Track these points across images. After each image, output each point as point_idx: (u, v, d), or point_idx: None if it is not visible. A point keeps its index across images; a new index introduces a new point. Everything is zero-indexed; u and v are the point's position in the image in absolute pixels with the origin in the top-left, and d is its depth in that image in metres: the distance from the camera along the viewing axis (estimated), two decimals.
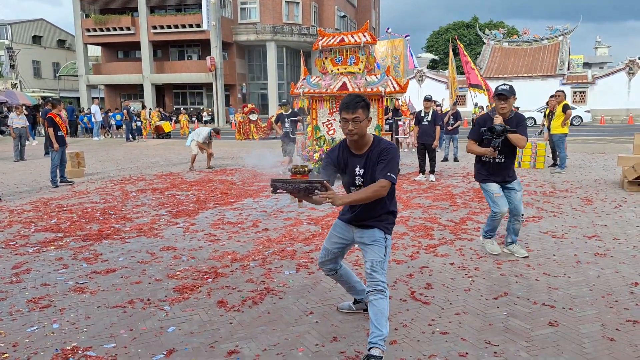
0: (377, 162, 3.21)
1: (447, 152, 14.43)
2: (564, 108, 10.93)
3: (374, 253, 3.32)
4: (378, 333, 3.14)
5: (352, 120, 3.16)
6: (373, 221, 3.35)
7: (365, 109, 3.19)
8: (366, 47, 10.39)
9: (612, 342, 3.42)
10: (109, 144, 23.02)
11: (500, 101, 5.09)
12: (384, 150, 3.21)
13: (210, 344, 3.49)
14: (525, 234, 6.19)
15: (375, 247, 3.32)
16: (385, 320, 3.19)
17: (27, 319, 3.92)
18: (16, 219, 7.42)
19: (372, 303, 3.24)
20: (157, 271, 5.03)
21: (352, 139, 3.23)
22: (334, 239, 3.58)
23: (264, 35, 39.90)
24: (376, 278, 3.26)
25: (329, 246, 3.61)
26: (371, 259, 3.31)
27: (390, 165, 3.17)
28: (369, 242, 3.34)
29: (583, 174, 11.17)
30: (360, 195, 3.14)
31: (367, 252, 3.35)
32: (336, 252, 3.61)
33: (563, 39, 40.27)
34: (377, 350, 3.08)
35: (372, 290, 3.26)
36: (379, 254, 3.31)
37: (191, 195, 9.15)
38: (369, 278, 3.29)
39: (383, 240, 3.34)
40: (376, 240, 3.33)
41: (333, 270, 3.70)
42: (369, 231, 3.35)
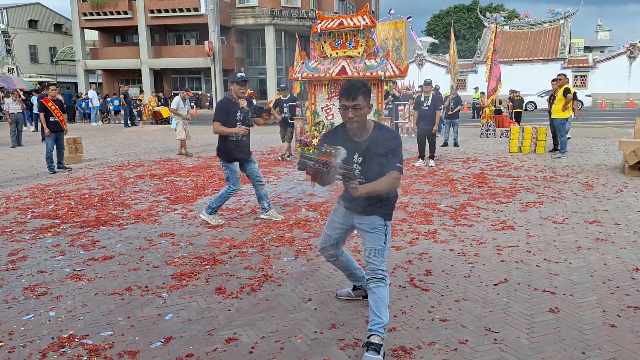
0: (380, 153, 3.11)
1: (447, 137, 14.35)
2: (565, 92, 10.84)
3: (373, 241, 3.26)
4: (378, 321, 3.11)
5: (353, 108, 3.05)
6: (373, 207, 3.25)
7: (366, 95, 3.08)
8: (365, 30, 10.25)
9: (613, 328, 3.40)
10: (107, 129, 22.90)
11: (241, 87, 5.87)
12: (388, 142, 3.12)
13: (209, 331, 3.46)
14: (526, 220, 6.15)
15: (375, 235, 3.26)
16: (385, 307, 3.16)
17: (23, 307, 3.89)
18: (13, 205, 7.37)
19: (371, 291, 3.21)
20: (155, 258, 4.99)
21: (352, 126, 3.13)
22: (334, 224, 3.53)
23: (263, 19, 39.50)
24: (375, 266, 3.23)
25: (330, 232, 3.55)
26: (371, 246, 3.27)
27: (399, 157, 3.13)
28: (369, 229, 3.28)
29: (584, 159, 11.12)
30: (377, 187, 3.07)
31: (367, 239, 3.30)
32: (337, 238, 3.56)
33: (564, 22, 39.95)
34: (376, 337, 3.05)
35: (371, 278, 3.23)
36: (379, 242, 3.26)
37: (189, 181, 9.09)
38: (369, 266, 3.26)
39: (383, 228, 3.28)
40: (376, 228, 3.27)
41: (334, 256, 3.66)
42: (369, 218, 3.27)
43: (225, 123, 5.89)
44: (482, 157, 11.80)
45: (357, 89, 3.06)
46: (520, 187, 8.15)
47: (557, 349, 3.14)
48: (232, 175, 6.06)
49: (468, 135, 16.92)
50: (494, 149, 13.38)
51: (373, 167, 3.15)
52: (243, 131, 5.95)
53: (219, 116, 5.90)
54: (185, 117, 13.04)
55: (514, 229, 5.77)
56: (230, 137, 5.97)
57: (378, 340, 3.04)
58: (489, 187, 8.11)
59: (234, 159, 6.07)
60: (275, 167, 10.68)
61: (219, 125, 5.89)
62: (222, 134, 5.94)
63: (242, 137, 6.02)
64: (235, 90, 5.94)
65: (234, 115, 5.93)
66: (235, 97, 5.96)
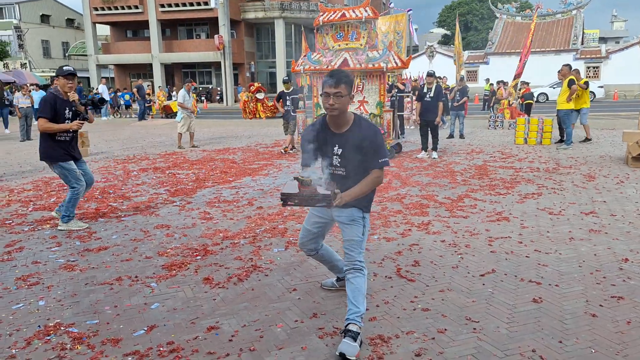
0: (360, 148, 3.14)
1: (453, 129, 14.28)
2: (569, 83, 10.73)
3: (352, 232, 3.30)
4: (355, 310, 3.13)
5: (334, 95, 3.08)
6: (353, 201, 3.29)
7: (348, 85, 3.12)
8: (368, 22, 10.22)
9: (594, 317, 3.39)
10: (117, 123, 23.10)
11: (68, 81, 5.52)
12: (369, 138, 3.16)
13: (192, 320, 3.51)
14: (522, 211, 6.13)
15: (354, 227, 3.30)
16: (362, 297, 3.19)
17: (14, 297, 3.97)
18: (15, 198, 7.49)
19: (349, 281, 3.24)
20: (149, 249, 5.06)
21: (333, 114, 3.15)
22: (313, 219, 3.55)
23: (272, 13, 39.48)
24: (353, 257, 3.27)
25: (309, 226, 3.58)
26: (349, 238, 3.31)
27: (381, 153, 3.17)
28: (347, 221, 3.31)
29: (589, 150, 11.01)
30: (361, 189, 3.17)
31: (345, 231, 3.33)
32: (316, 232, 3.58)
33: (577, 12, 39.42)
34: (354, 326, 3.07)
35: (349, 269, 3.27)
36: (357, 233, 3.30)
37: (191, 174, 9.16)
38: (347, 257, 3.30)
39: (361, 220, 3.32)
40: (354, 220, 3.30)
41: (314, 250, 3.67)
42: (347, 210, 3.29)
43: (53, 120, 5.51)
44: (486, 148, 11.74)
45: (340, 78, 3.10)
46: (521, 178, 8.11)
47: (535, 338, 3.14)
48: (71, 174, 5.68)
49: (475, 127, 16.82)
50: (499, 140, 13.30)
51: (352, 160, 3.18)
52: (77, 126, 5.63)
53: (46, 112, 5.46)
54: (192, 111, 13.15)
55: (508, 220, 5.75)
56: (58, 137, 5.59)
57: (356, 329, 3.06)
58: (489, 179, 8.08)
59: (68, 157, 5.69)
60: (278, 159, 10.72)
61: (46, 122, 5.47)
62: (51, 131, 5.52)
63: (73, 135, 5.70)
64: (61, 85, 5.55)
65: (62, 112, 5.55)
66: (62, 92, 5.58)
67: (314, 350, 3.08)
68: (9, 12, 47.82)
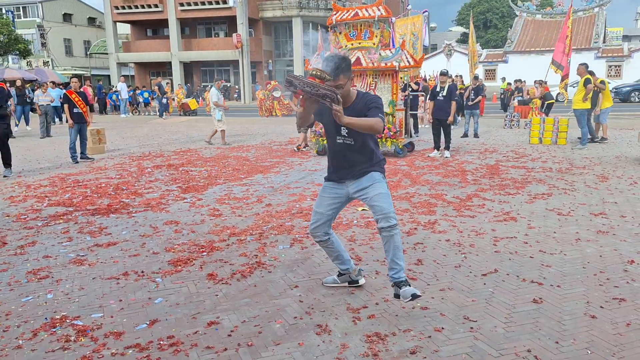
0: (365, 110, 3.33)
1: (467, 128, 14.20)
2: (585, 82, 10.60)
3: (378, 188, 3.43)
4: (399, 268, 3.46)
5: (337, 87, 3.23)
6: (368, 167, 3.50)
7: (345, 72, 3.28)
8: (381, 21, 10.22)
9: (593, 319, 3.38)
10: (135, 121, 23.40)
11: None
12: (370, 102, 3.38)
13: (193, 315, 3.58)
14: (530, 211, 6.10)
15: (378, 184, 3.44)
16: (401, 253, 3.47)
17: (24, 289, 4.08)
18: (32, 193, 7.66)
19: (387, 239, 3.41)
20: (157, 244, 5.15)
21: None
22: (327, 201, 3.64)
23: (290, 11, 39.58)
24: (386, 209, 3.36)
25: (322, 209, 3.65)
26: (377, 192, 3.41)
27: (380, 110, 3.36)
28: (369, 183, 3.45)
29: (605, 150, 10.87)
30: (361, 122, 3.22)
31: (370, 190, 3.44)
32: (330, 214, 3.66)
33: (599, 10, 38.79)
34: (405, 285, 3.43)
35: (386, 227, 3.36)
36: (384, 188, 3.45)
37: (204, 172, 9.27)
38: (379, 210, 3.38)
39: (383, 180, 3.50)
40: (376, 180, 3.46)
41: (326, 235, 3.72)
42: (366, 176, 3.47)
43: None
44: (500, 148, 11.66)
45: (337, 70, 3.25)
46: (532, 178, 8.05)
47: (531, 339, 3.14)
48: None
49: (491, 126, 16.70)
50: (514, 140, 13.19)
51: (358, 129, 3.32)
52: None
53: None
54: (225, 107, 13.30)
55: (515, 221, 5.73)
56: None
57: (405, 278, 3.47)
58: (500, 179, 8.03)
59: None
60: (290, 157, 10.78)
61: None
62: None
63: None
64: None
65: None
66: None
67: (310, 346, 3.12)
68: (32, 11, 48.68)
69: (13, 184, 8.46)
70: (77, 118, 10.70)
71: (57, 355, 3.08)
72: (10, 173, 9.20)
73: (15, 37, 34.97)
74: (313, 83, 3.05)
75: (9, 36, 34.26)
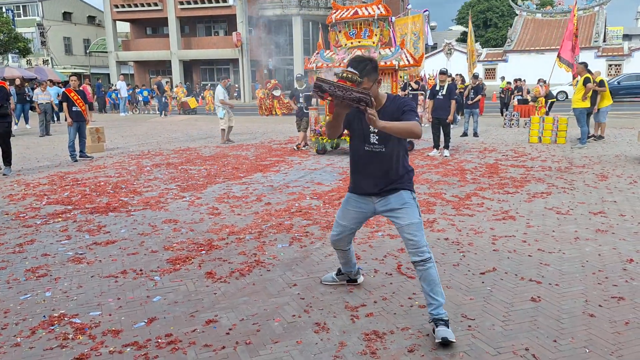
0: (399, 114, 3.10)
1: (467, 127, 14.19)
2: (585, 81, 10.60)
3: (410, 215, 3.20)
4: (437, 304, 3.17)
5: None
6: (396, 184, 3.25)
7: (370, 74, 3.07)
8: (380, 19, 10.21)
9: (592, 318, 3.38)
10: (134, 119, 23.39)
11: None
12: (403, 103, 3.15)
13: (191, 313, 3.58)
14: (529, 210, 6.09)
15: (409, 209, 3.22)
16: (440, 287, 3.20)
17: (22, 287, 4.08)
18: (31, 192, 7.65)
19: (423, 275, 3.18)
20: (155, 243, 5.15)
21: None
22: (351, 215, 3.45)
23: (290, 10, 39.53)
24: (420, 243, 3.16)
25: (346, 222, 3.48)
26: (409, 222, 3.19)
27: (416, 113, 3.10)
28: (399, 205, 3.23)
29: (604, 149, 10.87)
30: (400, 126, 2.99)
31: (401, 216, 3.22)
32: (354, 228, 3.52)
33: (599, 9, 38.73)
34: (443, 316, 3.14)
35: (419, 261, 3.17)
36: (416, 215, 3.22)
37: (203, 170, 9.26)
38: (411, 244, 3.18)
39: (413, 201, 3.26)
40: (406, 203, 3.23)
41: (347, 245, 3.63)
42: (395, 195, 3.24)
43: None
44: (500, 147, 11.65)
45: (363, 71, 3.04)
46: (531, 177, 8.04)
47: (529, 337, 3.14)
48: None
49: (490, 125, 16.69)
50: (513, 139, 13.18)
51: (389, 135, 3.09)
52: None
53: None
54: (231, 106, 13.28)
55: (514, 219, 5.73)
56: None
57: (445, 317, 3.15)
58: (499, 178, 8.03)
59: None
60: (290, 156, 10.78)
61: None
62: None
63: None
64: None
65: None
66: None
67: (308, 344, 3.12)
68: (32, 10, 48.62)
69: (12, 182, 8.45)
70: (76, 116, 10.68)
71: (55, 353, 3.08)
72: (10, 171, 9.20)
73: (15, 35, 34.91)
74: (344, 86, 2.81)
75: (9, 35, 34.21)
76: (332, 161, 9.93)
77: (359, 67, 3.04)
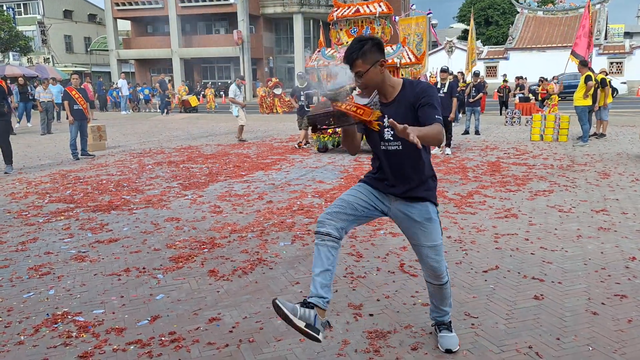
0: (414, 108, 2.58)
1: (468, 125, 14.18)
2: (586, 79, 10.59)
3: (432, 236, 2.77)
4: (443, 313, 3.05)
5: (356, 75, 2.60)
6: (424, 191, 2.76)
7: (365, 56, 2.55)
8: (382, 17, 10.20)
9: (595, 315, 3.37)
10: (135, 117, 23.40)
11: None
12: (422, 92, 2.59)
13: (194, 311, 3.58)
14: (531, 208, 6.09)
15: (432, 227, 2.76)
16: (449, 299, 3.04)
17: (25, 286, 4.09)
18: (33, 190, 7.66)
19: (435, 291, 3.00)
20: (158, 241, 5.15)
21: (368, 90, 2.69)
22: (360, 196, 2.78)
23: (291, 8, 39.52)
24: (439, 269, 2.83)
25: (351, 199, 2.76)
26: (430, 244, 2.78)
27: (439, 109, 2.57)
28: (421, 219, 2.75)
29: (606, 147, 10.86)
30: (429, 131, 2.42)
31: (421, 234, 2.77)
32: (357, 212, 2.75)
33: (601, 7, 38.66)
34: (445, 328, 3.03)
35: (434, 283, 2.94)
36: (438, 235, 2.79)
37: (205, 168, 9.27)
38: (429, 268, 2.85)
39: (437, 217, 2.81)
40: (431, 219, 2.75)
41: (336, 232, 2.64)
42: (420, 205, 2.75)
43: None
44: (501, 145, 11.65)
45: (352, 54, 2.58)
46: (533, 175, 8.04)
47: (532, 335, 3.14)
48: None
49: (492, 123, 16.68)
50: (515, 137, 13.17)
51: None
52: None
53: None
54: (242, 105, 13.26)
55: (517, 217, 5.72)
56: None
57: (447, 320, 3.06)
58: (501, 175, 8.03)
59: None
60: (291, 154, 10.78)
61: None
62: None
63: None
64: None
65: None
66: None
67: (311, 342, 3.10)
68: (33, 8, 48.60)
69: (14, 181, 8.46)
70: (78, 115, 10.69)
71: (59, 351, 3.08)
72: (12, 170, 9.21)
73: (16, 33, 34.97)
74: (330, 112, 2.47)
75: (10, 33, 34.26)
76: (334, 159, 9.93)
77: (354, 47, 2.58)
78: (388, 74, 2.66)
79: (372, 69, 2.57)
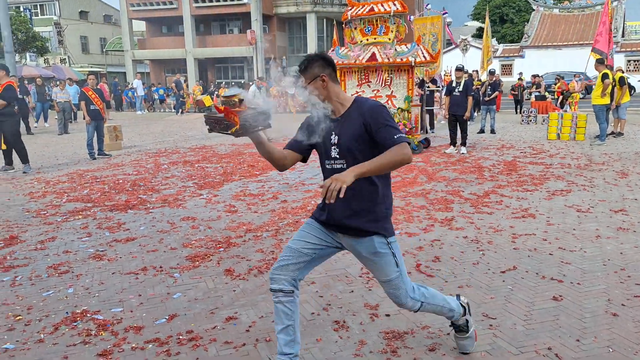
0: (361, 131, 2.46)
1: (484, 124, 14.08)
2: (603, 77, 10.46)
3: (383, 270, 2.60)
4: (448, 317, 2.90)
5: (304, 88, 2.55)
6: (366, 222, 2.54)
7: (306, 71, 2.52)
8: (396, 16, 10.16)
9: (615, 317, 3.33)
10: (151, 117, 23.58)
11: None
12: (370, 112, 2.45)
13: (211, 310, 3.60)
14: (549, 208, 6.03)
15: (382, 262, 2.58)
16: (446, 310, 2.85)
17: (45, 284, 4.14)
18: (51, 189, 7.75)
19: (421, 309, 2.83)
20: (174, 240, 5.19)
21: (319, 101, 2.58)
22: (307, 238, 2.66)
23: (304, 7, 39.51)
24: (401, 300, 2.68)
25: (299, 246, 2.64)
26: (385, 279, 2.62)
27: (393, 126, 2.40)
28: (367, 254, 2.58)
29: (624, 146, 10.72)
30: (381, 161, 2.28)
31: (374, 271, 2.67)
32: (307, 257, 2.63)
33: (618, 4, 38.16)
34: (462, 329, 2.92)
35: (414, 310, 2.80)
36: (391, 269, 2.59)
37: (219, 168, 9.31)
38: (394, 300, 2.73)
39: (388, 248, 2.58)
40: (378, 253, 2.56)
41: (293, 286, 2.59)
42: (364, 241, 2.56)
43: None
44: (517, 144, 11.55)
45: (298, 69, 2.57)
46: (550, 175, 7.96)
47: (552, 336, 3.11)
48: None
49: (508, 122, 16.55)
50: (531, 136, 13.05)
51: (352, 148, 2.48)
52: None
53: None
54: None
55: (534, 217, 5.67)
56: None
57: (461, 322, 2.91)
58: (518, 175, 7.96)
59: None
60: None
61: None
62: None
63: None
64: None
65: None
66: None
67: (328, 342, 3.13)
68: (49, 9, 49.16)
69: (32, 180, 8.57)
70: (94, 115, 10.80)
71: (79, 349, 3.12)
72: (30, 169, 9.32)
73: (33, 34, 35.40)
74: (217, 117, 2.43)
75: (27, 34, 34.70)
76: None
77: (301, 63, 2.56)
78: (336, 90, 2.58)
79: (313, 82, 2.51)
